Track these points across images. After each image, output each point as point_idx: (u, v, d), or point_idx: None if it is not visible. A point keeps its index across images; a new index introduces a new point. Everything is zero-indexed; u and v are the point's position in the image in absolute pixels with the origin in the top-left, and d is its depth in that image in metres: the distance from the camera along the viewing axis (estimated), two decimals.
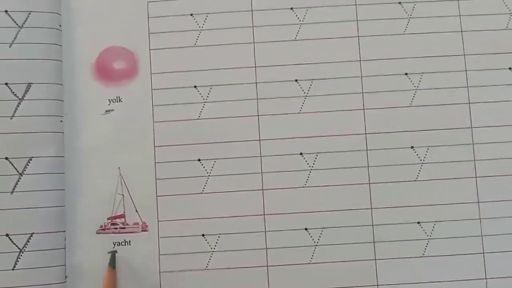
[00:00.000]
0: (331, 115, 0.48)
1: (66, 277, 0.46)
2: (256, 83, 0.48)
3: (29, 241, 0.46)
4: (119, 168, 0.47)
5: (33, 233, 0.46)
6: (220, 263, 0.47)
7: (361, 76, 0.48)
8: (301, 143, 0.48)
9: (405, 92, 0.48)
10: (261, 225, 0.47)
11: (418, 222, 0.47)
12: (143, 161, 0.47)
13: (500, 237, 0.47)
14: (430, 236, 0.47)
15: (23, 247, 0.46)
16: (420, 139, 0.48)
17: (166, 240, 0.47)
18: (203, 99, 0.48)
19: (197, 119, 0.48)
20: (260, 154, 0.48)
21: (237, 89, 0.48)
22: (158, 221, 0.47)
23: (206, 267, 0.47)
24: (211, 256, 0.47)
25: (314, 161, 0.48)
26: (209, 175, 0.47)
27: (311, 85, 0.48)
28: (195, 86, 0.48)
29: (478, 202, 0.47)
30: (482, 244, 0.47)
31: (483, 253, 0.47)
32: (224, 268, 0.47)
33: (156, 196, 0.47)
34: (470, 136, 0.48)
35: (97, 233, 0.47)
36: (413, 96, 0.48)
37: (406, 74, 0.48)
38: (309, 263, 0.47)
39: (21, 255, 0.46)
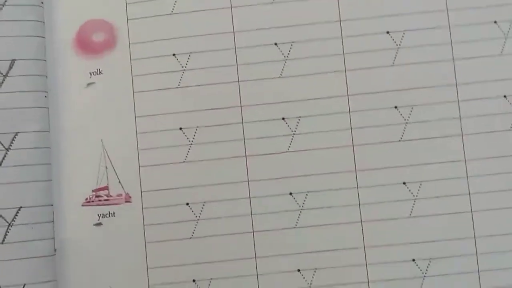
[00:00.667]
0: (312, 78, 0.47)
1: (55, 250, 0.47)
2: (235, 48, 0.48)
3: (17, 215, 0.46)
4: (101, 140, 0.47)
5: (21, 207, 0.46)
6: (206, 231, 0.47)
7: (342, 37, 0.47)
8: (283, 107, 0.47)
9: (387, 51, 0.47)
10: (245, 191, 0.47)
11: (404, 183, 0.46)
12: (124, 132, 0.48)
13: (488, 195, 0.46)
14: (417, 196, 0.46)
15: (11, 221, 0.46)
16: (403, 99, 0.47)
17: (150, 210, 0.47)
18: (182, 67, 0.48)
19: (177, 87, 0.48)
20: (242, 120, 0.47)
21: (216, 55, 0.48)
22: (141, 192, 0.47)
23: (192, 235, 0.47)
24: (196, 225, 0.47)
25: (297, 125, 0.47)
26: (191, 144, 0.47)
27: (291, 48, 0.47)
28: (173, 54, 0.48)
29: (465, 160, 0.46)
30: (470, 202, 0.46)
31: (471, 211, 0.46)
32: (210, 236, 0.46)
33: (139, 167, 0.47)
34: (455, 94, 0.47)
35: (82, 205, 0.47)
36: (396, 55, 0.47)
37: (387, 32, 0.47)
38: (295, 228, 0.46)
39: (9, 229, 0.46)
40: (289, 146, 0.47)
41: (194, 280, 0.46)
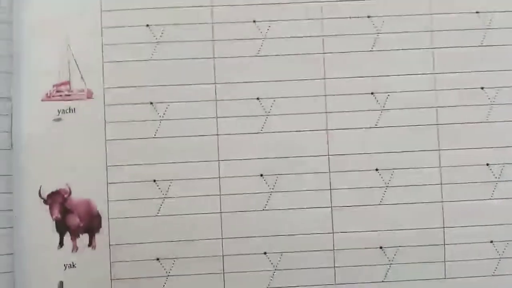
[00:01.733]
0: None
1: (11, 144, 0.45)
2: None
3: None
4: (65, 34, 0.46)
5: None
6: (168, 131, 0.46)
7: None
8: (254, 10, 0.46)
9: None
10: (212, 93, 0.46)
11: (372, 93, 0.46)
12: (90, 26, 0.46)
13: (455, 109, 0.46)
14: (383, 107, 0.46)
15: None
16: (377, 10, 0.47)
17: (112, 107, 0.46)
18: None
19: None
20: (212, 20, 0.46)
21: None
22: (104, 88, 0.46)
23: (154, 135, 0.45)
24: (159, 125, 0.46)
25: (268, 30, 0.46)
26: (158, 41, 0.46)
27: None
28: None
29: (434, 73, 0.46)
30: (437, 115, 0.46)
31: (437, 124, 0.46)
32: (173, 137, 0.45)
33: (103, 63, 0.46)
34: (428, 7, 0.47)
35: (42, 100, 0.46)
36: None
37: None
38: (260, 133, 0.46)
39: None
40: (259, 51, 0.46)
41: (154, 180, 0.45)
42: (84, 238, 0.45)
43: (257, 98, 0.46)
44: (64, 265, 0.44)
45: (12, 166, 0.45)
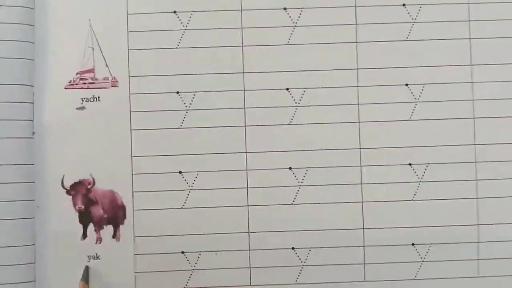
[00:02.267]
0: None
1: (33, 133, 0.44)
2: None
3: None
4: (89, 20, 0.44)
5: None
6: (195, 122, 0.44)
7: None
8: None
9: None
10: (240, 84, 0.44)
11: (406, 84, 0.44)
12: (114, 12, 0.45)
13: (490, 102, 0.44)
14: (418, 99, 0.44)
15: None
16: None
17: (137, 96, 0.44)
18: None
19: None
20: (241, 8, 0.44)
21: None
22: (129, 76, 0.44)
23: (181, 125, 0.44)
24: (185, 115, 0.44)
25: (298, 17, 0.44)
26: (185, 29, 0.44)
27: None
28: None
29: (471, 65, 0.44)
30: (473, 108, 0.44)
31: (474, 117, 0.44)
32: (199, 127, 0.44)
33: (128, 50, 0.44)
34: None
35: (65, 88, 0.44)
36: None
37: None
38: (289, 124, 0.44)
39: None
40: (289, 40, 0.44)
41: (180, 172, 0.44)
42: (108, 229, 0.44)
43: (287, 89, 0.44)
44: (88, 256, 0.43)
45: (34, 155, 0.44)
